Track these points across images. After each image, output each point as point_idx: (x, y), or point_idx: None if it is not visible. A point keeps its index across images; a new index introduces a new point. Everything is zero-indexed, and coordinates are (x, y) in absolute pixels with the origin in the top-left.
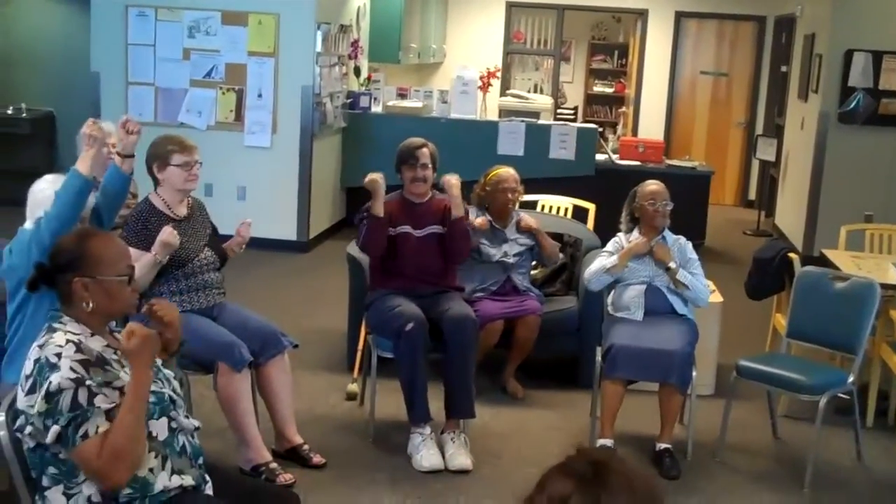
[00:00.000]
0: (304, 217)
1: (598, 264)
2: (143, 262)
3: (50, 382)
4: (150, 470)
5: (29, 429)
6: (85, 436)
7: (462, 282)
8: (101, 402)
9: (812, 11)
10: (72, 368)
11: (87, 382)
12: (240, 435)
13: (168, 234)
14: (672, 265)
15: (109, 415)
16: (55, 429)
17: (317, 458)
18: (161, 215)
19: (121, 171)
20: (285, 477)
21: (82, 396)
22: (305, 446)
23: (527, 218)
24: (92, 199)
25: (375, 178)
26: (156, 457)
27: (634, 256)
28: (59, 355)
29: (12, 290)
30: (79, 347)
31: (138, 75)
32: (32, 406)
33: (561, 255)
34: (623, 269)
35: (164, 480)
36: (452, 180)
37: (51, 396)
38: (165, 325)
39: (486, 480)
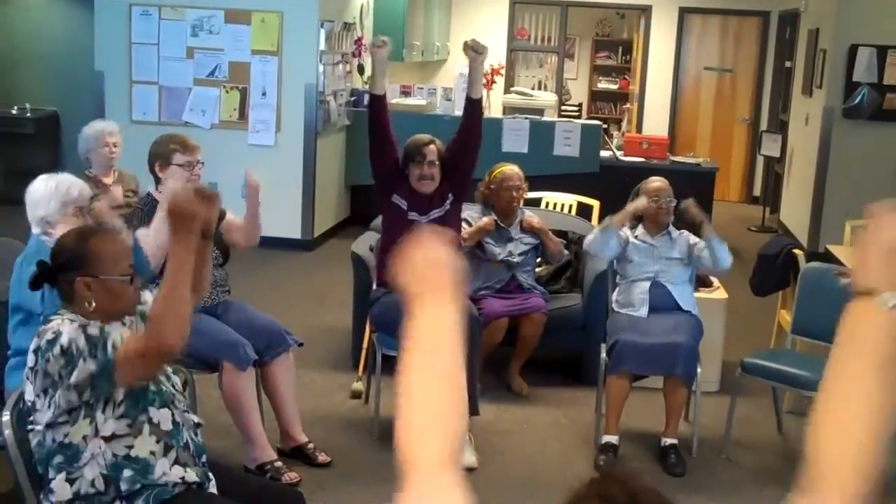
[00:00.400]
0: (308, 215)
1: (594, 231)
2: (155, 226)
3: (60, 339)
4: (151, 453)
5: (55, 393)
6: (114, 347)
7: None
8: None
9: (816, 6)
10: (72, 329)
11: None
12: (245, 433)
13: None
14: (705, 222)
15: (124, 325)
16: (88, 364)
17: (322, 457)
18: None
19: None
20: (290, 476)
21: (93, 331)
22: (310, 445)
23: (531, 217)
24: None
25: (379, 44)
26: (157, 441)
27: (637, 247)
28: (57, 332)
29: (21, 302)
30: (80, 326)
31: (142, 74)
32: (46, 385)
33: (566, 253)
34: (621, 226)
35: (164, 466)
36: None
37: (65, 351)
38: (209, 202)
39: (491, 478)
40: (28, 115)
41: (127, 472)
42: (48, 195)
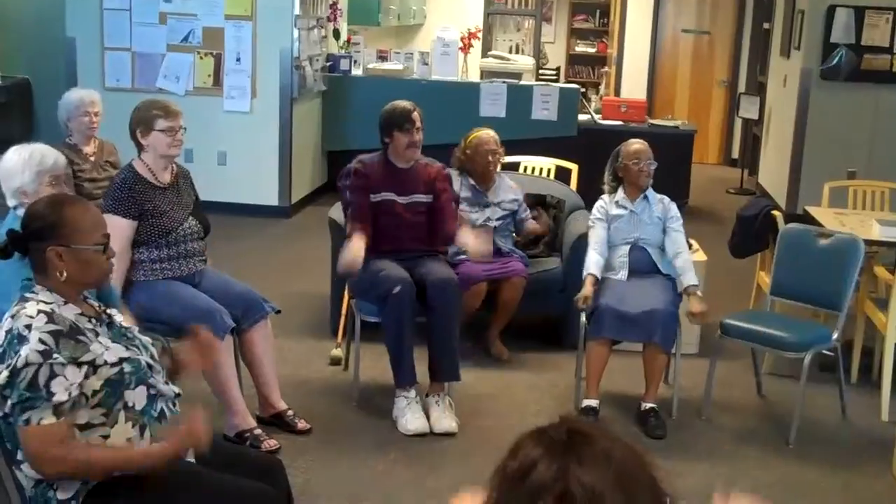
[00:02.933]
0: (285, 182)
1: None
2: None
3: (18, 356)
4: (129, 440)
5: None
6: (27, 422)
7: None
8: (57, 388)
9: None
10: (41, 340)
11: (54, 356)
12: (223, 401)
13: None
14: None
15: (57, 410)
16: (9, 403)
17: (301, 424)
18: (145, 182)
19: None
20: (270, 443)
21: (42, 376)
22: (290, 412)
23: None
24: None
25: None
26: (133, 426)
27: (619, 216)
28: (29, 327)
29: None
30: (50, 318)
31: (114, 40)
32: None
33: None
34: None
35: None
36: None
37: (15, 372)
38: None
39: (472, 443)
40: None
41: None
42: (21, 165)
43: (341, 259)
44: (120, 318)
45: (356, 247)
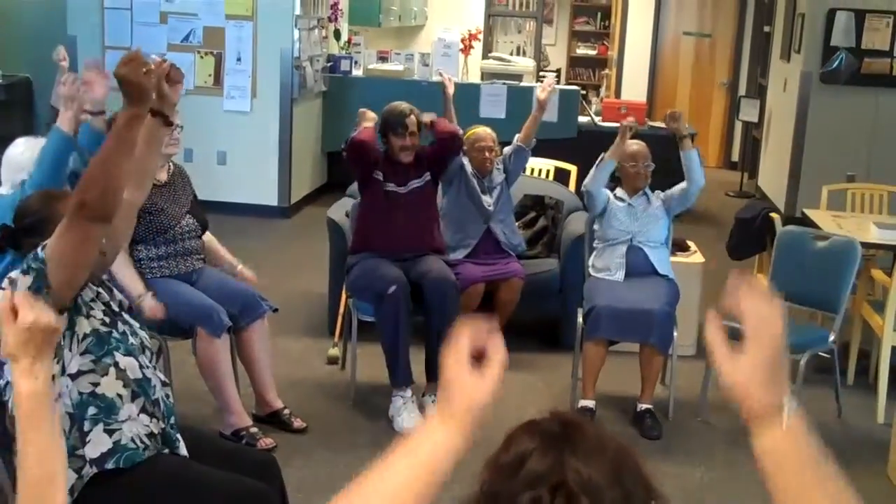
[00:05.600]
0: (284, 182)
1: (592, 170)
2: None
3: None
4: (118, 395)
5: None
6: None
7: (440, 233)
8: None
9: None
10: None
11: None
12: (220, 399)
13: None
14: (685, 132)
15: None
16: (26, 279)
17: (297, 423)
18: None
19: (95, 130)
20: (266, 442)
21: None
22: (286, 411)
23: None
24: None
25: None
26: (124, 386)
27: (617, 208)
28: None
29: None
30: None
31: (115, 39)
32: None
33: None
34: (617, 157)
35: (130, 410)
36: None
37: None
38: (173, 83)
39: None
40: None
41: (91, 410)
42: (29, 161)
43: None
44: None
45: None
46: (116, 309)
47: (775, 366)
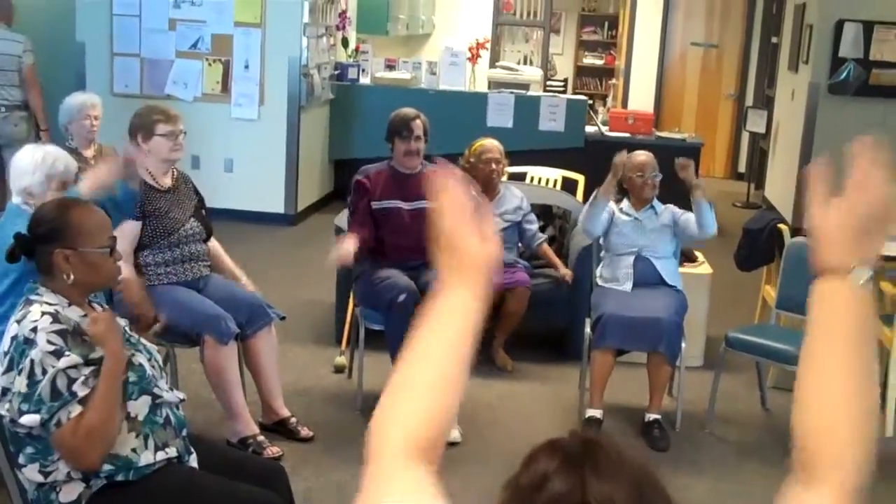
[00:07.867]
0: (291, 190)
1: (585, 207)
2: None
3: (32, 361)
4: (133, 450)
5: (6, 405)
6: (59, 424)
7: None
8: (79, 388)
9: None
10: (49, 341)
11: (66, 354)
12: (227, 407)
13: None
14: (697, 182)
15: (84, 400)
16: (35, 417)
17: (304, 431)
18: (146, 185)
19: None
20: (272, 450)
21: (61, 383)
22: (293, 419)
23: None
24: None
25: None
26: (136, 437)
27: (623, 222)
28: (35, 329)
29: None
30: (55, 318)
31: (124, 46)
32: (12, 383)
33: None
34: (610, 194)
35: (147, 458)
36: None
37: (32, 377)
38: (134, 304)
39: (475, 452)
40: None
41: (107, 467)
42: (34, 166)
43: (330, 255)
44: (124, 322)
45: (346, 245)
46: (129, 339)
47: (867, 228)
